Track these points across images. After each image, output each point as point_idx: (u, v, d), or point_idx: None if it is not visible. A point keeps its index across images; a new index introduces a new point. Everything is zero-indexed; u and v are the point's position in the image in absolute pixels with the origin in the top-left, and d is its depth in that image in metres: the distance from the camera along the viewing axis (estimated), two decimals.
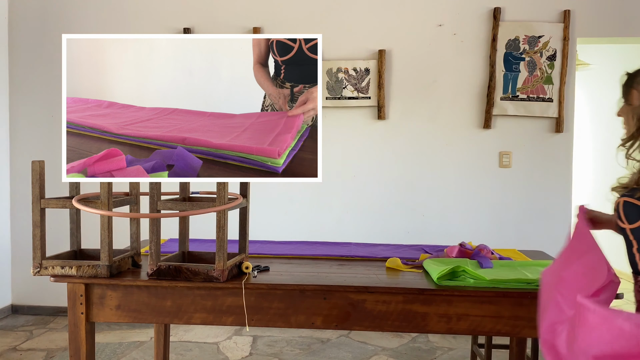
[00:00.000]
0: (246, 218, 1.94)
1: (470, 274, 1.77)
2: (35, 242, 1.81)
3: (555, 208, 3.70)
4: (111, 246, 1.80)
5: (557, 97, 3.63)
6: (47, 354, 3.26)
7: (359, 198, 3.81)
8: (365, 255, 2.25)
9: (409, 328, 1.76)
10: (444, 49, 3.74)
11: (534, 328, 1.72)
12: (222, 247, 1.74)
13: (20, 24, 3.97)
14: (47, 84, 3.95)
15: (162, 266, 1.79)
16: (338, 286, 1.77)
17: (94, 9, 3.92)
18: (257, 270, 1.92)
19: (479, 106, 3.73)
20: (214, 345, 3.40)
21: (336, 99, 3.74)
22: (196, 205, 1.78)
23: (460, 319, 1.74)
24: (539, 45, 3.63)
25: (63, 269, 1.80)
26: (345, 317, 1.77)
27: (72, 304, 1.83)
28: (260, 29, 3.78)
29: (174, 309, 1.81)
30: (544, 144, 3.69)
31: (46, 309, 4.04)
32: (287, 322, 1.80)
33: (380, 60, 3.70)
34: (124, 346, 3.37)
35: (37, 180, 1.79)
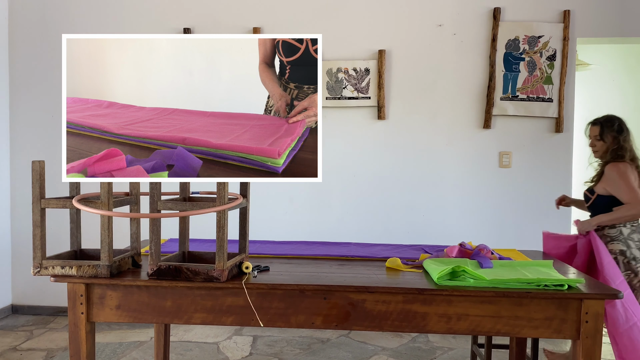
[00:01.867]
0: (246, 218, 1.94)
1: (470, 274, 1.77)
2: (36, 242, 1.81)
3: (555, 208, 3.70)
4: (111, 246, 1.80)
5: (557, 97, 3.63)
6: (47, 354, 3.26)
7: (359, 198, 3.81)
8: (365, 255, 2.25)
9: (409, 328, 1.76)
10: (444, 49, 3.74)
11: (534, 328, 1.72)
12: (222, 247, 1.74)
13: (20, 24, 3.97)
14: (47, 84, 3.95)
15: (162, 266, 1.79)
16: (338, 286, 1.77)
17: (94, 9, 3.92)
18: (257, 270, 1.92)
19: (479, 106, 3.73)
20: (214, 345, 3.40)
21: (336, 99, 3.74)
22: (196, 205, 1.78)
23: (460, 318, 1.74)
24: (539, 46, 3.63)
25: (63, 269, 1.80)
26: (345, 317, 1.77)
27: (72, 304, 1.83)
28: (260, 29, 3.78)
29: (174, 309, 1.81)
30: (544, 144, 3.70)
31: (46, 309, 4.04)
32: (287, 322, 1.80)
33: (380, 60, 3.70)
34: (124, 346, 3.37)
35: (37, 180, 1.79)
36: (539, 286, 1.72)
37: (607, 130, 2.68)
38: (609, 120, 2.71)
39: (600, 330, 1.69)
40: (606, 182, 2.64)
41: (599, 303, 1.68)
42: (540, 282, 1.72)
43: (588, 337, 1.68)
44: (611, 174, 2.61)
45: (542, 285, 1.72)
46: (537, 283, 1.72)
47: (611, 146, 2.67)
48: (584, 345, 1.68)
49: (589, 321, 1.68)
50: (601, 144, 2.70)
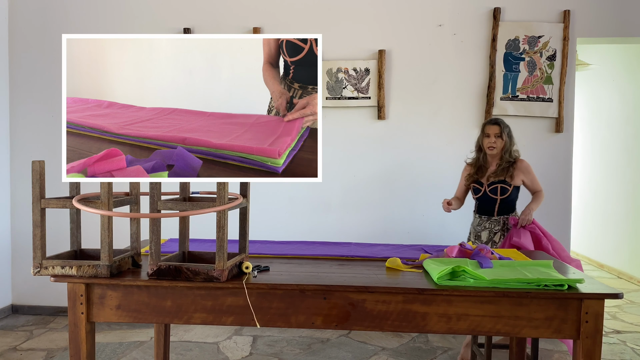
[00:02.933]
0: (246, 218, 1.94)
1: (470, 274, 1.77)
2: (36, 242, 1.81)
3: (555, 208, 3.70)
4: (111, 246, 1.80)
5: (557, 97, 3.63)
6: (47, 354, 3.26)
7: (359, 198, 3.81)
8: (365, 255, 2.25)
9: (409, 328, 1.76)
10: (444, 49, 3.74)
11: (534, 328, 1.72)
12: (222, 247, 1.74)
13: (20, 24, 3.97)
14: (47, 84, 3.95)
15: (162, 266, 1.79)
16: (338, 286, 1.77)
17: (94, 9, 3.93)
18: (257, 270, 1.92)
19: (479, 106, 3.73)
20: (214, 345, 3.40)
21: (336, 99, 3.74)
22: (196, 205, 1.78)
23: (460, 318, 1.74)
24: (539, 46, 3.63)
25: (63, 269, 1.80)
26: (345, 317, 1.77)
27: (72, 304, 1.83)
28: (260, 29, 3.78)
29: (174, 309, 1.81)
30: (544, 144, 3.70)
31: (46, 309, 4.04)
32: (287, 322, 1.79)
33: (380, 60, 3.70)
34: (124, 346, 3.38)
35: (37, 180, 1.79)
36: (539, 286, 1.72)
37: (504, 129, 3.05)
38: (503, 121, 3.09)
39: (600, 330, 1.69)
40: (525, 174, 3.07)
41: (599, 303, 1.68)
42: (540, 282, 1.72)
43: (588, 337, 1.68)
44: (528, 167, 3.09)
45: (542, 285, 1.72)
46: (537, 283, 1.72)
47: (508, 144, 3.05)
48: (584, 345, 1.68)
49: (589, 321, 1.68)
50: (500, 141, 3.04)
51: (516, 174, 3.04)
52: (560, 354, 3.32)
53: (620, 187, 5.48)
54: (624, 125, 5.41)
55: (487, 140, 3.06)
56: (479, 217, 3.13)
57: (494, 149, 3.04)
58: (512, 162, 3.06)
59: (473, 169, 3.14)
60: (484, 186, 3.07)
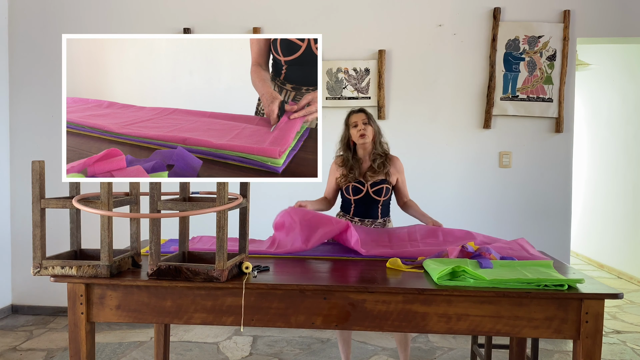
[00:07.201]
0: (246, 218, 1.94)
1: (470, 274, 1.77)
2: (36, 242, 1.81)
3: (555, 208, 3.71)
4: (111, 246, 1.80)
5: (557, 97, 3.63)
6: (47, 354, 3.26)
7: None
8: (365, 255, 2.24)
9: (408, 328, 1.76)
10: (444, 49, 3.74)
11: (534, 328, 1.72)
12: (222, 247, 1.74)
13: (20, 23, 3.97)
14: (47, 84, 3.95)
15: (162, 266, 1.79)
16: (338, 286, 1.77)
17: (94, 9, 3.93)
18: (257, 270, 1.92)
19: (479, 106, 3.73)
20: (214, 345, 3.40)
21: (336, 99, 3.74)
22: (196, 205, 1.78)
23: (460, 319, 1.74)
24: (539, 46, 3.63)
25: (63, 269, 1.80)
26: (345, 317, 1.77)
27: (72, 304, 1.83)
28: (260, 29, 3.78)
29: (174, 309, 1.81)
30: (543, 144, 3.70)
31: (46, 309, 4.04)
32: (287, 322, 1.79)
33: (380, 60, 3.70)
34: (124, 346, 3.37)
35: (37, 180, 1.79)
36: (539, 286, 1.72)
37: (370, 115, 2.75)
38: (366, 109, 2.79)
39: (600, 330, 1.69)
40: (400, 174, 2.80)
41: (599, 303, 1.68)
42: (540, 282, 1.72)
43: (588, 337, 1.68)
44: (402, 167, 2.80)
45: (542, 285, 1.72)
46: (537, 283, 1.72)
47: (377, 134, 2.75)
48: (583, 345, 1.68)
49: (589, 321, 1.68)
50: (370, 128, 2.71)
51: (392, 171, 2.75)
52: (560, 354, 3.32)
53: (620, 187, 5.48)
54: (624, 125, 5.41)
55: (356, 130, 2.71)
56: (360, 220, 2.75)
57: (366, 136, 2.69)
58: (385, 157, 2.74)
59: (346, 170, 2.75)
60: (366, 186, 2.71)
